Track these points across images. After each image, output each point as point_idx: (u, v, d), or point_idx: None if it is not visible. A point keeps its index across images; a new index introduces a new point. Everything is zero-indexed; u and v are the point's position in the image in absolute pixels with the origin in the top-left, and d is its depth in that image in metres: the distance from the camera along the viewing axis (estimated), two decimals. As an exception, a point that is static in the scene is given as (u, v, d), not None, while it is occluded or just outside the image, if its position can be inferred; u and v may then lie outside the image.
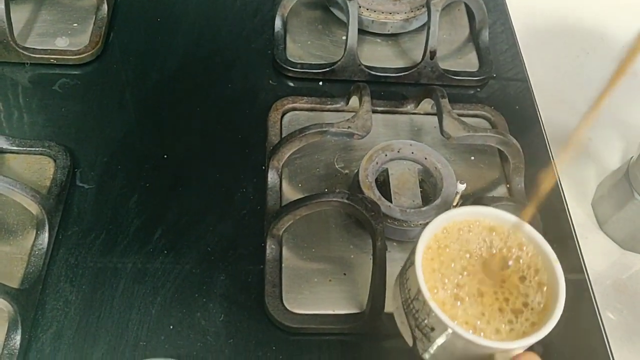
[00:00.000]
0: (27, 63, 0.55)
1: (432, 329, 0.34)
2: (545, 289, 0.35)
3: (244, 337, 0.43)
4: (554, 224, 0.50)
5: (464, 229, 0.37)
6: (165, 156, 0.51)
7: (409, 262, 0.36)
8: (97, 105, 0.54)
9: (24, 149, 0.49)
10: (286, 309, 0.44)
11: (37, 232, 0.45)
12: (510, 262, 0.36)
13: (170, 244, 0.47)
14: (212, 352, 0.42)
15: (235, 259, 0.46)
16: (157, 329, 0.42)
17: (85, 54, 0.56)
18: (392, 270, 0.41)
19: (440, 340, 0.34)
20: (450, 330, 0.33)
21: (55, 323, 0.42)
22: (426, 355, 0.36)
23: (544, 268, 0.36)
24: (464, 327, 0.34)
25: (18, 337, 0.40)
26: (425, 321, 0.34)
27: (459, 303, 0.35)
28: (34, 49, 0.55)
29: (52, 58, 0.55)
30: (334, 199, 0.44)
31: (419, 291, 0.34)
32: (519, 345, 0.33)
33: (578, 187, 0.57)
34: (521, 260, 0.37)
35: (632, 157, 0.53)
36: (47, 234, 0.45)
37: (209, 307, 0.44)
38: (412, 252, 0.35)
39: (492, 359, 0.33)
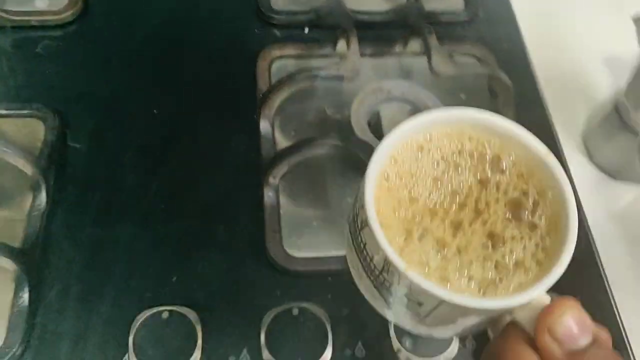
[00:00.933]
0: (7, 27, 0.54)
1: (420, 304, 0.28)
2: (545, 209, 0.29)
3: (248, 284, 0.44)
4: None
5: (414, 151, 0.30)
6: (155, 111, 0.51)
7: (362, 222, 0.28)
8: (82, 66, 0.53)
9: (13, 112, 0.49)
10: (287, 253, 0.44)
11: (34, 194, 0.45)
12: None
13: (167, 198, 0.47)
14: (216, 300, 0.43)
15: (233, 209, 0.46)
16: (161, 281, 0.43)
17: (66, 14, 0.55)
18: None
19: (431, 314, 0.28)
20: (447, 302, 0.26)
21: (60, 280, 0.42)
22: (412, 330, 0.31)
23: (542, 186, 0.30)
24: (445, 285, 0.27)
25: (26, 295, 0.41)
26: (406, 295, 0.28)
27: (438, 255, 0.28)
28: (12, 11, 0.54)
29: (32, 20, 0.54)
30: (328, 142, 0.44)
31: (387, 262, 0.27)
32: (533, 294, 0.27)
33: (568, 121, 0.57)
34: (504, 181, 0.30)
35: (620, 88, 0.54)
36: (44, 194, 0.45)
37: (210, 257, 0.44)
38: (362, 207, 0.28)
39: (500, 320, 0.28)
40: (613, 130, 0.54)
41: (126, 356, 0.40)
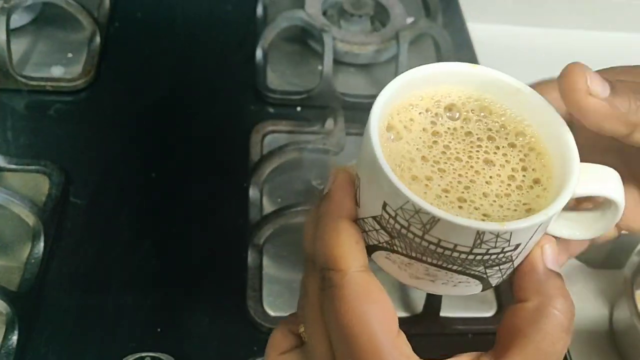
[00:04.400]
0: (25, 90, 0.59)
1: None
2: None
3: (227, 339, 0.46)
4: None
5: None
6: (154, 175, 0.55)
7: (427, 224, 0.26)
8: (90, 128, 0.58)
9: (21, 167, 0.53)
10: (266, 312, 0.47)
11: (33, 243, 0.48)
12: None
13: (158, 254, 0.50)
14: (196, 352, 0.45)
15: (219, 268, 0.50)
16: (146, 331, 0.45)
17: (79, 82, 0.60)
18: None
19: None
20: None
21: (49, 326, 0.45)
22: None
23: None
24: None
25: (15, 338, 0.43)
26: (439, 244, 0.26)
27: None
28: (31, 76, 0.59)
29: (47, 85, 0.59)
30: (311, 209, 0.48)
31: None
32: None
33: None
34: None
35: None
36: (42, 244, 0.48)
37: (194, 311, 0.47)
38: (419, 212, 0.25)
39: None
40: None
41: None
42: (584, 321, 0.54)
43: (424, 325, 0.47)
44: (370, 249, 0.29)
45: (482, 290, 0.30)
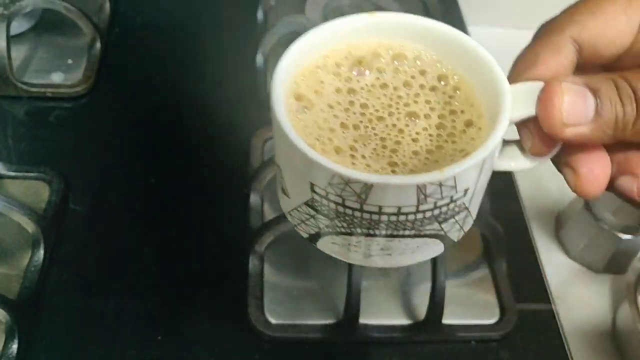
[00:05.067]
0: (25, 96, 0.59)
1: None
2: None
3: (228, 347, 0.46)
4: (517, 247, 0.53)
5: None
6: (153, 181, 0.55)
7: (362, 192, 0.24)
8: (90, 135, 0.58)
9: (21, 174, 0.52)
10: (267, 319, 0.47)
11: (33, 250, 0.48)
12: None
13: (158, 260, 0.50)
14: (198, 359, 0.45)
15: (219, 275, 0.49)
16: (146, 338, 0.45)
17: (79, 88, 0.60)
18: (367, 284, 0.45)
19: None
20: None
21: (49, 334, 0.45)
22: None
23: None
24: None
25: (15, 347, 0.43)
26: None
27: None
28: (31, 83, 0.59)
29: (47, 92, 0.59)
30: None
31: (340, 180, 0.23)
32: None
33: (542, 216, 0.60)
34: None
35: None
36: (42, 252, 0.47)
37: (194, 319, 0.47)
38: (349, 182, 0.23)
39: None
40: (585, 226, 0.55)
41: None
42: (587, 326, 0.53)
43: (426, 332, 0.47)
44: (313, 238, 0.28)
45: (445, 249, 0.28)
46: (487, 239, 0.50)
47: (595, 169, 0.25)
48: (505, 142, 0.26)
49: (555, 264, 0.56)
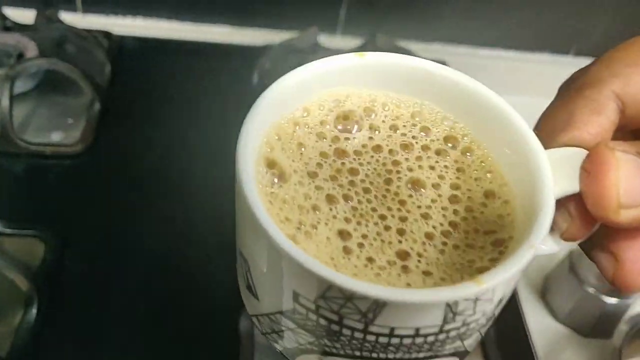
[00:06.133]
0: (24, 154, 0.60)
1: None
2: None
3: (218, 408, 0.46)
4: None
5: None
6: (150, 240, 0.55)
7: (373, 309, 0.17)
8: (87, 194, 0.59)
9: (17, 231, 0.53)
10: (257, 381, 0.47)
11: (25, 309, 0.48)
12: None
13: (151, 321, 0.50)
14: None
15: (211, 334, 0.50)
16: (136, 400, 0.45)
17: (78, 147, 0.61)
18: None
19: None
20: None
21: (39, 394, 0.45)
22: None
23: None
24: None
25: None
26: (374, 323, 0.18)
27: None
28: (31, 141, 0.60)
29: (47, 150, 0.60)
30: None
31: (327, 287, 0.17)
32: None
33: (529, 281, 0.61)
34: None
35: (572, 250, 0.56)
36: (35, 310, 0.48)
37: (185, 380, 0.47)
38: (352, 298, 0.17)
39: None
40: (571, 289, 0.55)
41: None
42: (573, 390, 0.54)
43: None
44: (289, 353, 0.21)
45: None
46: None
47: None
48: None
49: (543, 328, 0.57)
